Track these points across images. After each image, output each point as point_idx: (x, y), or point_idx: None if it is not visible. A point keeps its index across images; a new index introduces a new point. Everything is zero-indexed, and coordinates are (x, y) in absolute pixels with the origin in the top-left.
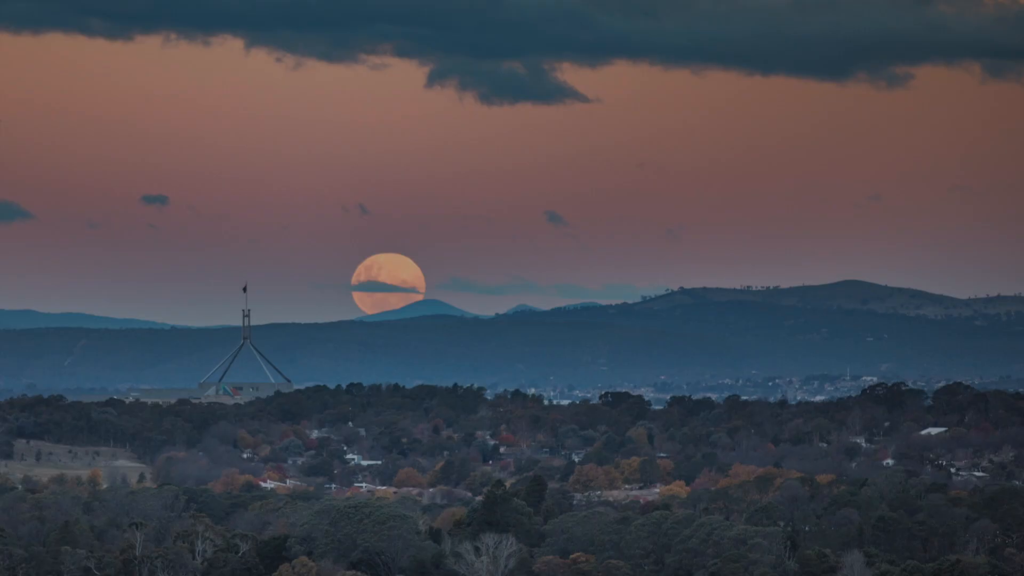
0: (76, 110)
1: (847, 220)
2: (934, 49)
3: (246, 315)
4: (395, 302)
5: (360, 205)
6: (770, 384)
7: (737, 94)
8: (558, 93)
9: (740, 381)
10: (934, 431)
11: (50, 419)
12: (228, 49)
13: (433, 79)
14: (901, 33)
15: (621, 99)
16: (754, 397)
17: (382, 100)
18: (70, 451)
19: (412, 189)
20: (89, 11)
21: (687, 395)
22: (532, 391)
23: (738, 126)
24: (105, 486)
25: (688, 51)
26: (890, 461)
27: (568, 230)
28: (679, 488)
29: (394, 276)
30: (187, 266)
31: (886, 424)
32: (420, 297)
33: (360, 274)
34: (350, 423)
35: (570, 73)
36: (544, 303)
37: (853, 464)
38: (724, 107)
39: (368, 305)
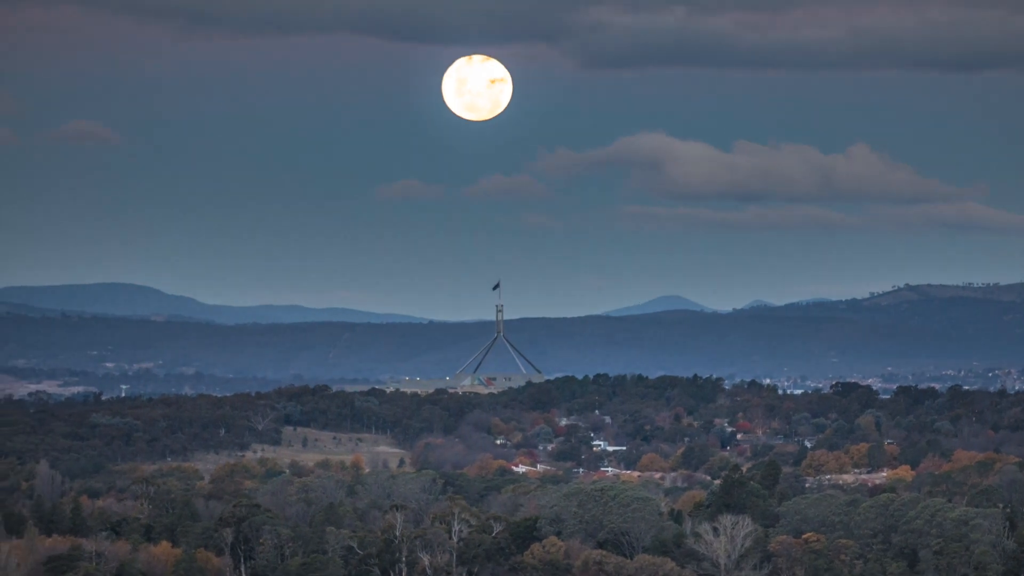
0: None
1: None
2: None
3: (499, 310)
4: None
5: None
6: (990, 375)
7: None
8: None
9: (962, 372)
10: None
11: (316, 407)
12: None
13: None
14: None
15: None
16: (975, 387)
17: None
18: (334, 437)
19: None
20: None
21: (912, 385)
22: (767, 381)
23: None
24: (367, 470)
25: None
26: None
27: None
28: (905, 472)
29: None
30: (445, 264)
31: None
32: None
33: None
34: (597, 411)
35: None
36: (778, 298)
37: None
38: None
39: (452, 87)
